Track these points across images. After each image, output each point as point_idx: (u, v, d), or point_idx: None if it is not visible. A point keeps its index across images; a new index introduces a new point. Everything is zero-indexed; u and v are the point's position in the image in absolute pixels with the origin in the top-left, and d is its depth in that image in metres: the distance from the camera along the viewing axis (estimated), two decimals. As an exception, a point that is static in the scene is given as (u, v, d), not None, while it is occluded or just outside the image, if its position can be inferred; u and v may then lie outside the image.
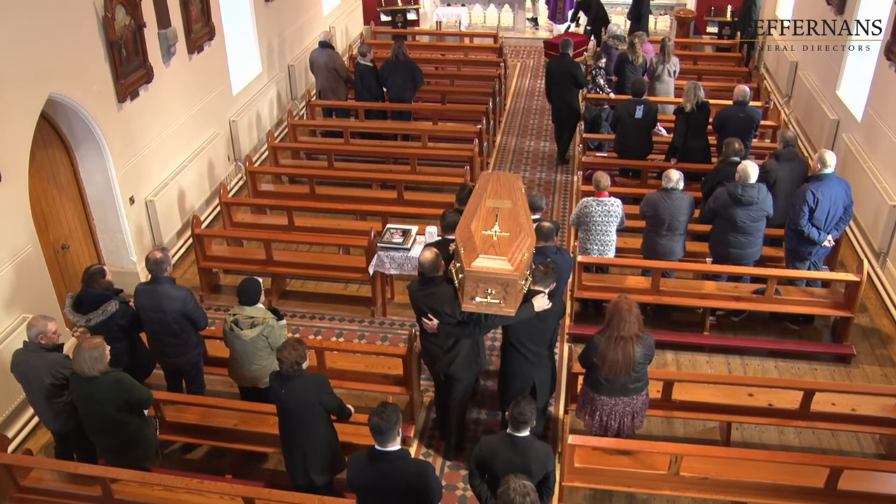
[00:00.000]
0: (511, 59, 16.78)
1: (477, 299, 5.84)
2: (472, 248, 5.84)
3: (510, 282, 5.73)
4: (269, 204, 10.24)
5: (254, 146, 12.14)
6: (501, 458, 5.12)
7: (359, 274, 8.69)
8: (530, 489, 4.38)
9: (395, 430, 4.84)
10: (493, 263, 5.73)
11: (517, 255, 5.83)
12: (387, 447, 4.88)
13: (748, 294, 8.17)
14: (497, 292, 5.77)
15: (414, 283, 6.30)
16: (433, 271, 6.11)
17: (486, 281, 5.73)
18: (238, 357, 6.55)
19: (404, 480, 4.87)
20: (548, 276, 6.04)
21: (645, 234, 8.38)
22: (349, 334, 8.50)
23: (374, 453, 4.91)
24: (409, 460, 4.99)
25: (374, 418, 4.81)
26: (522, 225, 6.15)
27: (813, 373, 7.90)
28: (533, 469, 5.07)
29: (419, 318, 6.28)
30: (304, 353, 5.56)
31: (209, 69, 10.65)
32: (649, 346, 5.96)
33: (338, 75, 12.23)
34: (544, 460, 5.15)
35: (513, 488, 4.36)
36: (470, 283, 5.79)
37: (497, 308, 5.85)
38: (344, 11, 16.67)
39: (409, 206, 9.90)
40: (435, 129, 11.95)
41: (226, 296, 9.06)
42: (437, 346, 6.30)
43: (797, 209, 7.73)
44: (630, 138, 10.39)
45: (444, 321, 6.06)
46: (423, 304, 6.14)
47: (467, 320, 6.02)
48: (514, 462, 5.05)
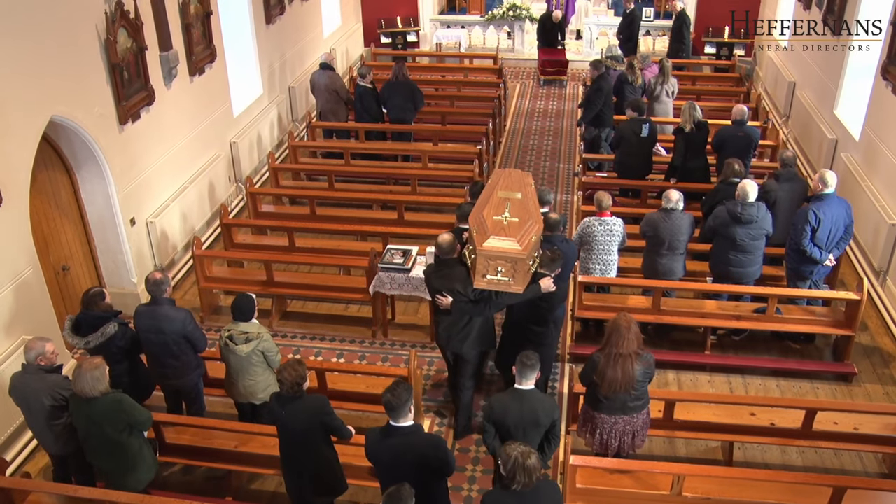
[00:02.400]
0: (511, 80, 16.87)
1: (488, 277, 6.35)
2: (484, 231, 6.39)
3: (519, 260, 6.24)
4: (270, 225, 10.25)
5: (254, 167, 12.18)
6: (512, 411, 5.55)
7: (359, 295, 8.69)
8: (531, 452, 4.71)
9: (406, 407, 5.09)
10: (503, 244, 6.26)
11: (526, 237, 6.35)
12: (399, 423, 5.14)
13: (749, 313, 8.16)
14: (507, 270, 6.29)
15: (430, 266, 6.88)
16: (450, 252, 6.63)
17: (497, 259, 6.24)
18: (233, 372, 6.58)
19: (418, 454, 5.13)
20: (554, 261, 6.54)
21: (645, 254, 8.38)
22: (350, 355, 8.48)
23: (388, 429, 5.19)
24: (421, 435, 5.26)
25: (386, 395, 5.08)
26: (531, 213, 6.68)
27: (815, 392, 7.89)
28: (541, 419, 5.57)
29: (433, 297, 6.76)
30: (304, 374, 5.56)
31: (210, 91, 10.71)
32: (649, 364, 5.96)
33: (338, 97, 12.28)
34: (550, 410, 5.65)
35: (515, 451, 4.68)
36: (482, 261, 6.29)
37: (506, 286, 6.36)
38: (344, 34, 16.79)
39: (409, 227, 9.91)
40: (435, 150, 11.98)
41: (226, 317, 9.02)
42: (449, 324, 6.74)
43: (799, 229, 7.74)
44: (634, 158, 10.39)
45: (457, 299, 6.55)
46: (438, 284, 6.65)
47: (479, 298, 6.50)
48: (524, 414, 5.54)
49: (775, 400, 7.39)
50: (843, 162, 10.49)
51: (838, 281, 9.03)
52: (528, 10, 17.96)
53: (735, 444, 6.98)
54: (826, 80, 11.75)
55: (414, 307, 9.22)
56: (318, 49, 14.88)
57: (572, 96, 16.01)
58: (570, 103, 15.62)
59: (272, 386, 6.54)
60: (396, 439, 5.15)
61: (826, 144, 11.17)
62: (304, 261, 9.47)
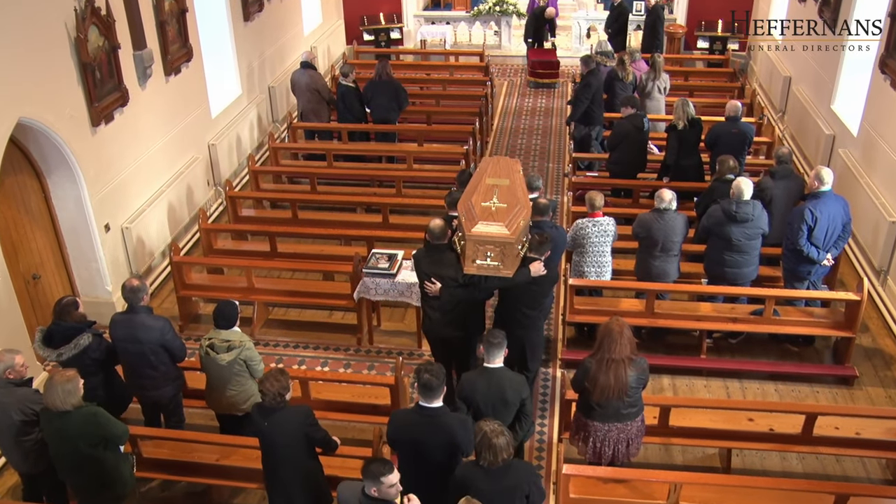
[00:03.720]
0: (498, 77, 16.86)
1: (478, 262, 6.60)
2: (472, 217, 6.66)
3: (507, 245, 6.51)
4: (251, 230, 10.21)
5: (234, 170, 12.13)
6: (480, 389, 5.78)
7: (344, 301, 8.66)
8: (502, 430, 4.96)
9: (442, 388, 5.36)
10: (491, 229, 6.54)
11: (514, 222, 6.61)
12: (432, 403, 5.35)
13: (745, 315, 8.17)
14: (496, 255, 6.55)
15: (420, 251, 7.06)
16: (441, 238, 6.84)
17: (486, 244, 6.52)
18: (214, 382, 6.55)
19: (447, 433, 5.33)
20: (543, 245, 6.71)
21: (638, 256, 8.38)
22: (334, 363, 8.45)
23: (420, 409, 5.39)
24: (450, 415, 5.47)
25: (424, 375, 5.31)
26: (519, 198, 6.95)
27: (815, 396, 7.89)
28: (509, 397, 5.79)
29: (422, 284, 6.95)
30: (287, 384, 5.53)
31: (187, 91, 10.64)
32: (643, 369, 5.95)
33: (320, 96, 12.24)
34: (518, 387, 5.85)
35: (486, 429, 4.95)
36: (471, 246, 6.57)
37: (496, 270, 6.61)
38: (326, 31, 16.75)
39: (394, 230, 9.88)
40: (420, 151, 11.96)
41: (206, 325, 8.97)
42: (439, 311, 6.92)
43: (795, 228, 7.76)
44: (632, 155, 10.39)
45: (447, 285, 6.76)
46: (428, 270, 6.86)
47: (468, 283, 6.73)
48: (492, 392, 5.77)
49: (774, 404, 7.41)
50: (840, 158, 10.53)
51: (837, 281, 9.04)
52: (515, 4, 17.96)
53: (733, 451, 6.97)
54: (823, 74, 11.80)
55: (400, 313, 9.19)
56: (299, 47, 14.83)
57: (561, 94, 16.02)
58: (560, 101, 15.64)
59: (254, 396, 6.47)
60: (429, 419, 5.36)
61: (823, 140, 11.22)
62: (287, 266, 9.44)
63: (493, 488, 4.93)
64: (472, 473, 5.05)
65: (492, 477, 4.96)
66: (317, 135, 12.74)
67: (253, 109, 12.87)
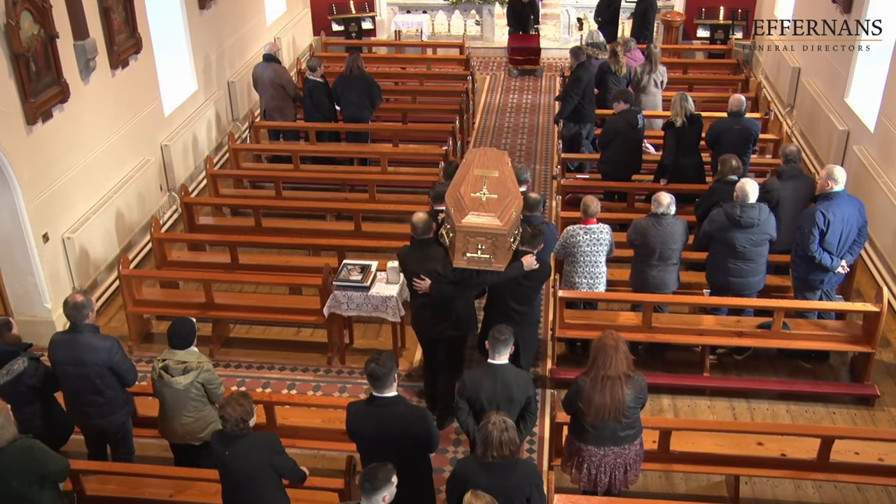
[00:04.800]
0: (480, 71, 16.91)
1: (468, 255, 6.85)
2: (462, 208, 6.88)
3: (499, 236, 6.77)
4: (209, 239, 10.18)
5: (190, 174, 12.06)
6: (485, 387, 5.99)
7: (312, 317, 8.63)
8: (510, 425, 5.16)
9: (391, 376, 5.57)
10: (482, 220, 6.78)
11: (506, 213, 6.86)
12: (384, 393, 5.61)
13: (752, 329, 8.20)
14: (487, 247, 6.82)
15: (404, 248, 7.34)
16: (425, 232, 7.09)
17: (477, 235, 6.76)
18: (168, 408, 6.47)
19: (403, 425, 5.59)
20: (536, 237, 7.00)
21: (634, 265, 8.39)
22: (302, 386, 8.43)
23: (371, 399, 5.67)
24: (407, 405, 5.77)
25: (370, 365, 5.57)
26: (510, 189, 7.21)
27: (831, 417, 7.91)
28: (515, 395, 6.01)
29: (409, 281, 7.22)
30: (250, 409, 5.51)
31: (136, 86, 10.57)
32: (641, 387, 5.95)
33: (285, 93, 12.22)
34: (525, 385, 6.10)
35: (492, 422, 5.14)
36: (461, 238, 6.80)
37: (487, 263, 6.88)
38: (291, 20, 16.74)
39: (368, 239, 9.87)
40: (396, 152, 11.96)
41: (158, 346, 8.90)
42: (428, 308, 7.22)
43: (806, 233, 7.79)
44: (626, 154, 10.43)
45: (435, 280, 6.99)
46: (414, 267, 7.13)
47: (459, 279, 6.98)
48: (497, 390, 5.97)
49: (786, 427, 7.41)
50: (855, 156, 10.61)
51: (853, 290, 9.09)
52: (498, -9, 18.04)
53: (741, 479, 6.97)
54: (836, 64, 11.85)
55: (374, 330, 9.17)
56: (261, 38, 14.79)
57: (549, 89, 16.09)
58: (547, 97, 15.70)
59: (214, 423, 6.43)
60: (380, 409, 5.62)
61: (836, 137, 11.29)
62: (249, 280, 9.41)
63: (493, 486, 5.03)
64: (472, 468, 5.24)
65: (493, 474, 5.13)
66: (282, 135, 12.71)
67: (210, 107, 12.81)
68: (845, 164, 10.59)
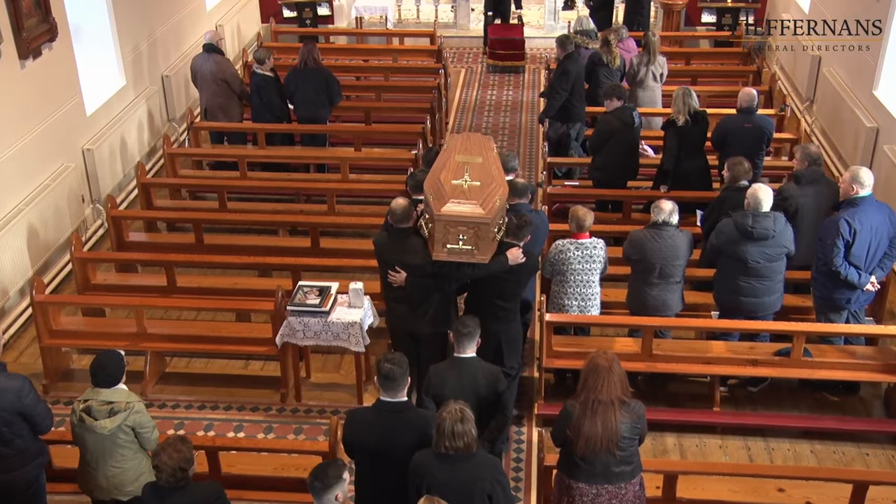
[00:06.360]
0: (454, 64, 16.99)
1: (448, 246, 7.06)
2: (442, 196, 7.11)
3: (482, 225, 6.99)
4: (141, 259, 10.15)
5: (118, 183, 12.01)
6: (450, 382, 6.33)
7: (263, 347, 8.60)
8: (466, 416, 5.38)
9: (406, 377, 5.85)
10: (463, 208, 6.99)
11: (489, 201, 7.06)
12: (396, 398, 5.86)
13: (769, 356, 8.22)
14: (469, 238, 7.02)
15: (381, 235, 7.63)
16: (404, 220, 7.33)
17: (457, 225, 6.99)
18: (91, 457, 6.39)
19: (415, 431, 5.80)
20: (521, 228, 7.21)
21: (631, 284, 8.43)
22: (252, 427, 8.39)
23: (381, 404, 5.89)
24: (417, 411, 6.04)
25: (385, 364, 5.80)
26: (495, 176, 7.43)
27: (863, 459, 7.92)
28: (482, 389, 6.34)
29: (385, 274, 7.47)
30: (190, 456, 5.50)
31: (51, 80, 10.51)
32: (638, 415, 5.94)
33: (229, 89, 12.21)
34: (493, 379, 6.42)
35: (448, 411, 5.39)
36: (440, 227, 7.01)
37: (469, 255, 7.08)
38: (235, 5, 16.75)
39: (326, 257, 9.85)
40: (358, 157, 11.99)
41: (80, 384, 8.77)
42: (405, 302, 7.50)
43: (829, 244, 7.83)
44: (621, 158, 10.47)
45: (414, 274, 7.27)
46: (392, 257, 7.38)
47: (439, 272, 7.22)
48: (464, 384, 6.30)
49: (811, 470, 7.43)
50: (886, 157, 10.70)
51: (885, 311, 9.13)
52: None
53: (759, 529, 7.00)
54: (862, 52, 11.89)
55: (335, 361, 9.15)
56: (201, 26, 14.81)
57: (532, 83, 16.19)
58: (530, 92, 15.80)
59: (146, 474, 6.36)
60: (392, 416, 5.85)
61: (864, 135, 11.34)
62: (189, 305, 9.38)
63: (449, 479, 5.37)
64: (428, 461, 5.49)
65: (450, 466, 5.40)
66: (226, 137, 12.71)
67: (142, 105, 12.76)
68: (873, 165, 10.67)
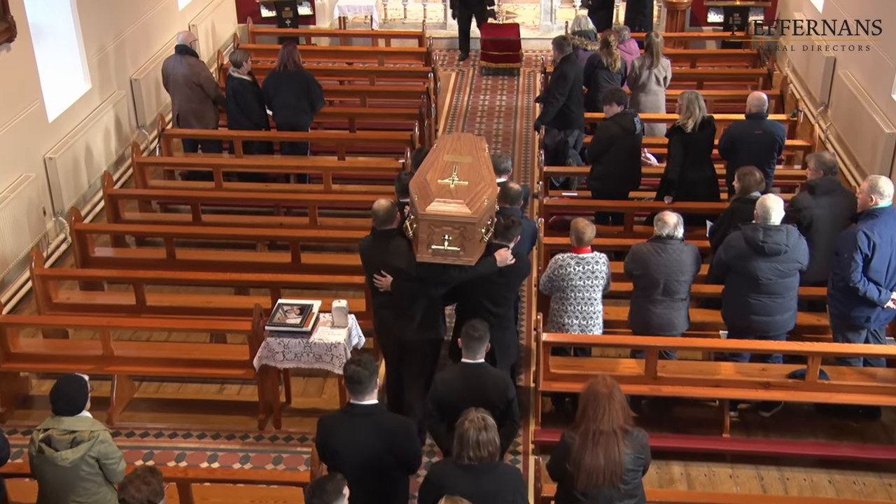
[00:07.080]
0: (444, 67, 17.03)
1: (433, 247, 7.21)
2: (427, 195, 7.25)
3: (468, 225, 7.14)
4: (107, 276, 10.14)
5: (82, 194, 12.00)
6: (458, 389, 6.54)
7: (240, 370, 8.58)
8: (489, 424, 5.53)
9: (373, 380, 6.02)
10: (449, 207, 7.14)
11: (476, 200, 7.21)
12: (364, 400, 6.01)
13: (782, 379, 8.22)
14: (455, 239, 7.16)
15: (365, 239, 7.82)
16: (387, 221, 7.56)
17: (443, 225, 7.13)
18: (51, 492, 6.35)
19: (384, 439, 5.98)
20: (511, 229, 7.44)
21: (633, 301, 8.44)
22: (227, 457, 8.36)
23: (350, 407, 6.06)
24: (389, 415, 6.23)
25: (350, 366, 6.00)
26: (484, 176, 7.58)
27: (886, 489, 7.91)
28: (491, 396, 6.49)
29: (370, 278, 7.69)
30: (159, 489, 5.47)
31: (10, 84, 10.50)
32: (641, 445, 5.94)
33: (203, 93, 12.21)
34: (503, 386, 6.64)
35: (470, 419, 5.51)
36: (424, 228, 7.17)
37: (455, 257, 7.23)
38: (209, 4, 16.78)
39: (307, 274, 9.88)
40: (341, 167, 12.02)
41: (41, 412, 8.69)
42: (390, 308, 7.68)
43: (846, 259, 7.82)
44: (622, 167, 10.49)
45: (399, 277, 7.45)
46: (376, 260, 7.58)
47: (424, 275, 7.37)
48: (472, 391, 6.45)
49: (829, 502, 7.41)
50: (907, 165, 10.75)
51: (907, 330, 9.16)
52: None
53: (774, 565, 6.98)
54: (880, 51, 11.94)
55: (317, 385, 9.14)
56: (172, 26, 14.82)
57: (527, 88, 16.23)
58: (526, 98, 15.83)
59: (112, 509, 6.32)
60: (361, 419, 6.00)
61: (883, 141, 11.39)
62: (159, 325, 9.38)
63: (472, 491, 5.35)
64: (448, 472, 5.61)
65: (472, 477, 5.49)
66: (200, 145, 12.72)
67: (109, 110, 12.76)
68: (893, 174, 10.70)
